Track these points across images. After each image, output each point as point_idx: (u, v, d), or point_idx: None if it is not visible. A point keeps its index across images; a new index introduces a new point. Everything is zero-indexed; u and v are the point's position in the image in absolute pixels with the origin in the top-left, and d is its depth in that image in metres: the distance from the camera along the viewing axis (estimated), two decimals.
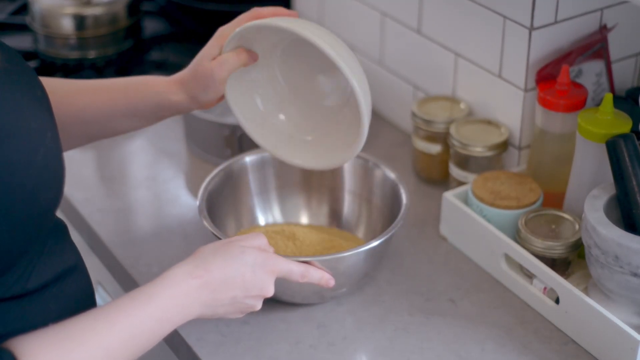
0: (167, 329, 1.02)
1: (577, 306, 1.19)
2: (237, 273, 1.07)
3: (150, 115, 1.24)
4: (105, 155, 1.59)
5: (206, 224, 1.24)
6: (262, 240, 1.13)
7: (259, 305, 1.11)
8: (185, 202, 1.48)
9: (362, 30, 1.65)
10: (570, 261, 1.27)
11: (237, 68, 1.21)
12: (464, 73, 1.47)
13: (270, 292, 1.11)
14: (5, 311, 0.97)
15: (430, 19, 1.50)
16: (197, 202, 1.28)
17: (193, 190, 1.50)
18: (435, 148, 1.47)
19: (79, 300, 1.06)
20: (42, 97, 1.03)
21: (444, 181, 1.49)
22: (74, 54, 1.76)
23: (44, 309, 1.01)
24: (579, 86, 1.32)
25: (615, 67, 1.40)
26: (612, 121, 1.22)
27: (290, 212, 1.40)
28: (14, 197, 0.91)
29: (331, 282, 1.17)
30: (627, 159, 1.18)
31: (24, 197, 0.93)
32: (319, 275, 1.16)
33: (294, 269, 1.14)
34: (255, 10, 1.24)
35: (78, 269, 1.08)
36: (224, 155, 1.52)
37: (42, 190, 0.95)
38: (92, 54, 1.76)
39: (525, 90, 1.36)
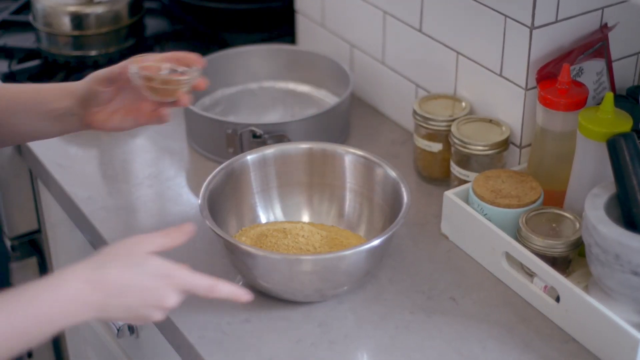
0: (49, 331, 0.99)
1: (578, 305, 1.19)
2: (135, 281, 1.03)
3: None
4: (108, 153, 1.59)
5: (208, 222, 1.24)
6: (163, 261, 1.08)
7: (157, 316, 1.06)
8: (187, 200, 1.48)
9: (364, 29, 1.65)
10: (571, 260, 1.28)
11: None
12: (465, 71, 1.47)
13: (169, 304, 1.05)
14: None
15: (432, 18, 1.50)
16: (199, 201, 1.28)
17: (195, 189, 1.50)
18: (436, 146, 1.47)
19: None
20: None
21: (445, 179, 1.49)
22: (76, 53, 1.77)
23: None
24: (580, 85, 1.32)
25: (616, 66, 1.40)
26: (612, 120, 1.22)
27: (291, 211, 1.40)
28: None
29: (245, 297, 1.10)
30: (627, 157, 1.18)
31: None
32: (228, 290, 1.09)
33: (200, 283, 1.07)
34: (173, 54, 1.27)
35: None
36: (225, 153, 1.52)
37: None
38: (94, 53, 1.77)
39: (526, 89, 1.37)
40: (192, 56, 1.26)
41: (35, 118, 1.27)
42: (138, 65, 1.22)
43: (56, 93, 1.27)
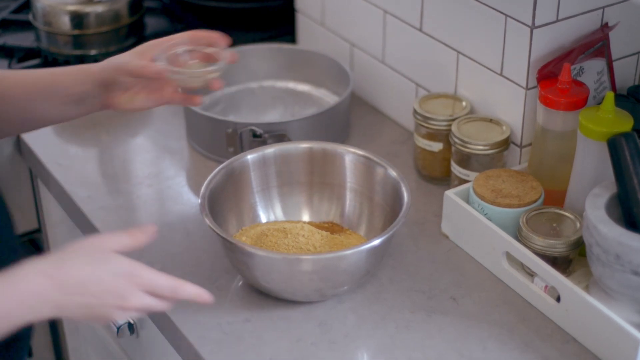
0: (5, 327, 0.97)
1: (578, 304, 1.19)
2: (93, 278, 1.00)
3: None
4: (108, 153, 1.59)
5: (208, 221, 1.24)
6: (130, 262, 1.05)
7: (117, 316, 1.03)
8: (187, 199, 1.48)
9: (364, 28, 1.65)
10: (571, 259, 1.27)
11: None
12: (466, 71, 1.47)
13: (131, 304, 1.02)
14: None
15: (432, 17, 1.50)
16: (199, 200, 1.28)
17: (195, 188, 1.50)
18: (436, 146, 1.47)
19: None
20: None
21: (446, 179, 1.49)
22: (76, 52, 1.77)
23: None
24: (580, 84, 1.32)
25: (616, 66, 1.40)
26: (613, 119, 1.22)
27: (291, 210, 1.40)
28: None
29: (206, 297, 1.07)
30: (628, 157, 1.18)
31: None
32: (193, 291, 1.06)
33: (163, 283, 1.04)
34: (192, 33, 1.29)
35: None
36: (225, 153, 1.52)
37: None
38: (94, 52, 1.77)
39: (527, 88, 1.37)
40: (213, 35, 1.27)
41: (55, 103, 1.27)
42: (166, 58, 1.25)
43: (75, 77, 1.27)
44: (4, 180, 1.69)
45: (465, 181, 1.41)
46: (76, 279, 1.00)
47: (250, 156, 1.37)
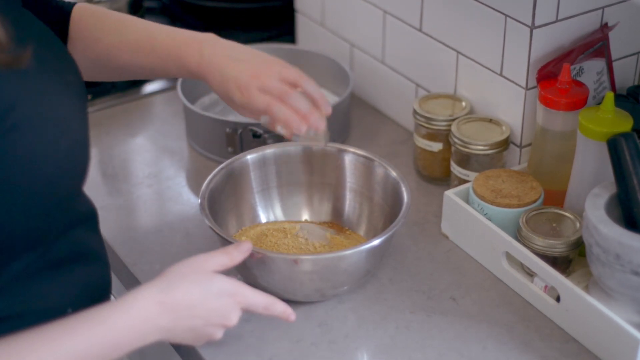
0: (114, 356, 1.00)
1: (578, 304, 1.19)
2: (201, 300, 1.05)
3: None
4: (107, 153, 1.59)
5: (208, 221, 1.24)
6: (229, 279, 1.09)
7: (219, 334, 1.09)
8: (187, 199, 1.48)
9: (364, 28, 1.65)
10: (571, 259, 1.28)
11: None
12: (466, 71, 1.47)
13: (232, 322, 1.08)
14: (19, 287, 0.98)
15: (432, 17, 1.50)
16: (199, 200, 1.28)
17: (195, 188, 1.50)
18: (436, 146, 1.47)
19: (88, 290, 1.05)
20: (74, 81, 1.02)
21: (446, 179, 1.49)
22: None
23: (49, 290, 1.01)
24: (580, 85, 1.32)
25: (616, 66, 1.40)
26: (613, 120, 1.22)
27: (291, 210, 1.40)
28: (34, 184, 0.92)
29: (292, 317, 1.14)
30: (628, 157, 1.18)
31: (43, 184, 0.93)
32: (282, 309, 1.13)
33: (259, 301, 1.11)
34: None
35: (94, 258, 1.07)
36: (225, 153, 1.52)
37: (63, 178, 0.96)
38: None
39: (527, 88, 1.37)
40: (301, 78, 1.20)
41: (169, 72, 1.24)
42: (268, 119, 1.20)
43: (174, 64, 1.22)
44: None
45: (465, 181, 1.41)
46: (186, 304, 1.03)
47: (250, 156, 1.37)
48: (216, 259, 1.10)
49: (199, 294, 1.05)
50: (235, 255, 1.13)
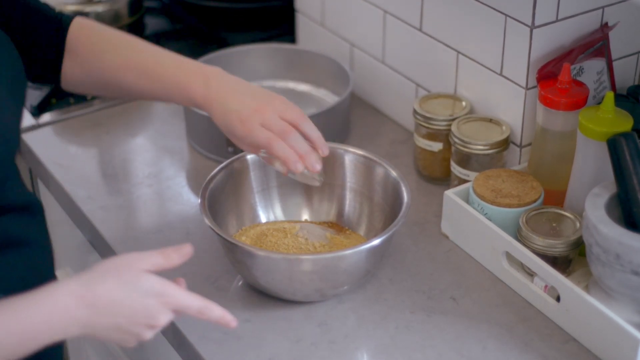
0: (30, 347, 0.98)
1: (578, 304, 1.19)
2: (124, 298, 1.01)
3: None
4: (108, 153, 1.59)
5: (208, 222, 1.24)
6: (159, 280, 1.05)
7: (147, 335, 1.04)
8: (187, 199, 1.48)
9: (364, 28, 1.65)
10: (571, 259, 1.28)
11: None
12: (466, 71, 1.47)
13: (160, 323, 1.03)
14: None
15: (432, 17, 1.50)
16: (199, 200, 1.28)
17: (195, 188, 1.50)
18: (436, 146, 1.47)
19: (25, 278, 1.05)
20: (5, 72, 1.04)
21: (446, 179, 1.49)
22: None
23: None
24: (580, 84, 1.32)
25: (616, 65, 1.40)
26: (613, 119, 1.22)
27: (291, 210, 1.40)
28: None
29: (232, 323, 1.07)
30: (628, 157, 1.18)
31: None
32: (219, 314, 1.06)
33: (192, 304, 1.05)
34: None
35: (32, 246, 1.08)
36: (225, 152, 1.52)
37: None
38: None
39: (527, 88, 1.37)
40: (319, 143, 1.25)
41: (172, 99, 1.28)
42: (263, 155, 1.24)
43: (178, 95, 1.26)
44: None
45: (465, 181, 1.41)
46: (106, 300, 1.00)
47: (250, 156, 1.37)
48: (150, 259, 1.05)
49: (121, 291, 1.01)
50: (172, 257, 1.07)
